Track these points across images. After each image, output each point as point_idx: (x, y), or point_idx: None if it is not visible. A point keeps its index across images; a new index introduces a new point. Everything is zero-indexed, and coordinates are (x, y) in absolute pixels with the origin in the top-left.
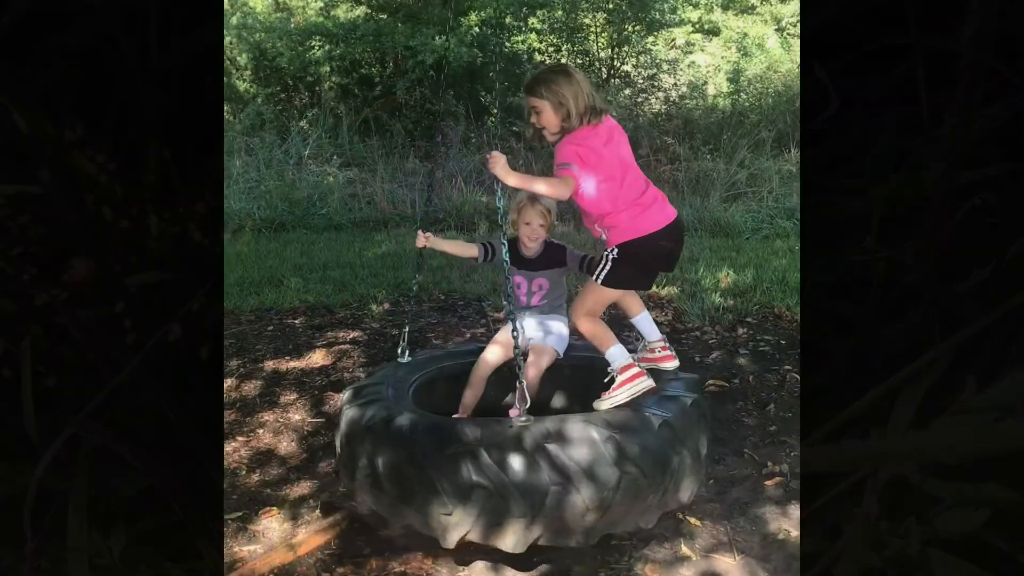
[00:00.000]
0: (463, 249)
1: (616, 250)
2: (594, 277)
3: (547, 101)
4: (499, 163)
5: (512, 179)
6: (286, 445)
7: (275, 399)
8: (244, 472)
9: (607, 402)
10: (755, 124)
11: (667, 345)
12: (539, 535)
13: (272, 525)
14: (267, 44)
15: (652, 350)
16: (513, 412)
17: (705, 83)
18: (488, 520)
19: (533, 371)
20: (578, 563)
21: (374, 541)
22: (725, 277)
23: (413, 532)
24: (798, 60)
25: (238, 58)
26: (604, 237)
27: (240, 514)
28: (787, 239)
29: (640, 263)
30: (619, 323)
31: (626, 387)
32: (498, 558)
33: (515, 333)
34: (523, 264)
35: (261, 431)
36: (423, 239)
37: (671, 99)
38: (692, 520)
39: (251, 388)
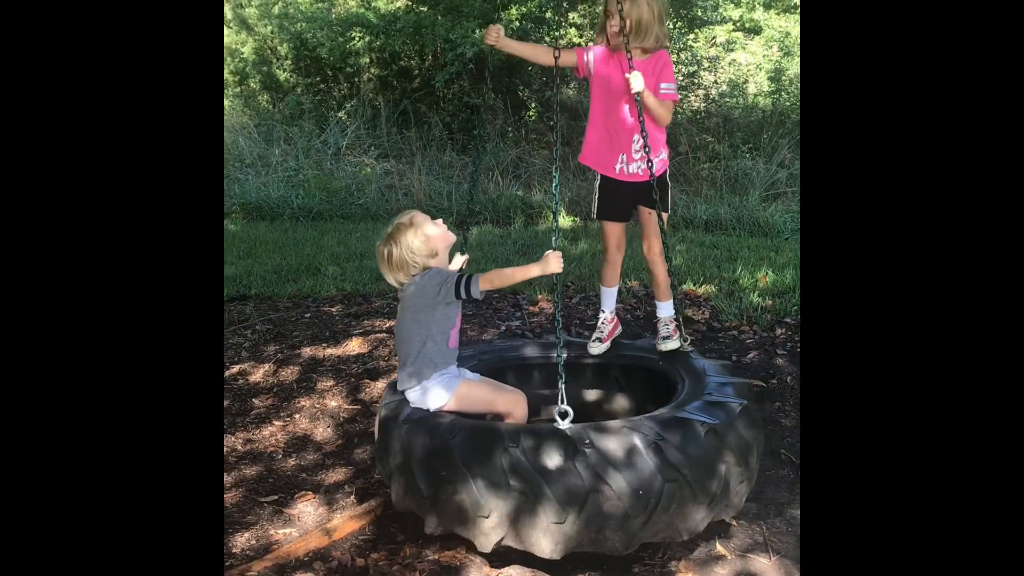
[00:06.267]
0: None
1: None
2: (668, 208)
3: None
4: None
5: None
6: (322, 431)
7: (312, 385)
8: (280, 456)
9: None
10: (796, 124)
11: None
12: (577, 542)
13: (308, 509)
14: (308, 34)
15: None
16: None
17: (746, 81)
18: (524, 523)
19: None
20: (611, 559)
21: (408, 528)
22: (764, 277)
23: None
24: None
25: (279, 48)
26: (650, 165)
27: (276, 497)
28: None
29: None
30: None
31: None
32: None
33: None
34: None
35: (298, 416)
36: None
37: (711, 97)
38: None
39: (289, 374)
